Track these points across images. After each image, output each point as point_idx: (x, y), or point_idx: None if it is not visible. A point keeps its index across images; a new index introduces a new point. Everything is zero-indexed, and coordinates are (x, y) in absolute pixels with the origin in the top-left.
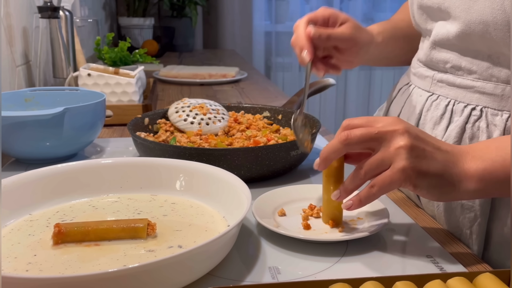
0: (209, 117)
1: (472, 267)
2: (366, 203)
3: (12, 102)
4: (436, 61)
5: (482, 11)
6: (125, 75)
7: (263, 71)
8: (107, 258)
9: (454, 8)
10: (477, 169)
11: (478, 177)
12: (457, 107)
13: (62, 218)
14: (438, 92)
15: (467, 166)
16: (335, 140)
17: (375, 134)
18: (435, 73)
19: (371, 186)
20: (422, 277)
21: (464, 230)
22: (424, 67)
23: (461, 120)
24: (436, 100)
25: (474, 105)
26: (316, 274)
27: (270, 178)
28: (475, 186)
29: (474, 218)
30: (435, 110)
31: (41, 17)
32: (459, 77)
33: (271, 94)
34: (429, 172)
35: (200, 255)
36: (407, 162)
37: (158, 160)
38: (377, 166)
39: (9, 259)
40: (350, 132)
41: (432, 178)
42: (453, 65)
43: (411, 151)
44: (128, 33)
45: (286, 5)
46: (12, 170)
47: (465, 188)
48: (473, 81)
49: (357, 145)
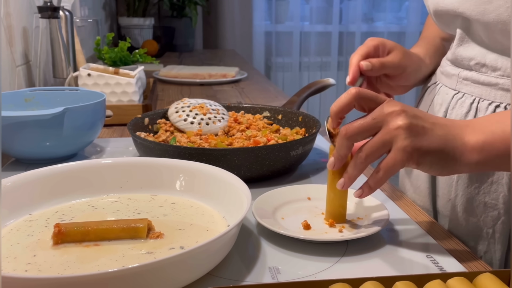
0: (209, 117)
1: (472, 267)
2: (376, 188)
3: (12, 102)
4: (461, 59)
5: (498, 11)
6: (125, 75)
7: (263, 71)
8: (106, 259)
9: (469, 12)
10: (477, 141)
11: (479, 149)
12: (482, 104)
13: (61, 218)
14: (463, 90)
15: (467, 139)
16: (338, 138)
17: (372, 120)
18: (460, 71)
19: (377, 171)
20: (422, 277)
21: (485, 230)
22: (451, 65)
23: None
24: (461, 98)
25: (498, 103)
26: (316, 274)
27: (270, 178)
28: (476, 158)
29: (497, 216)
30: (460, 108)
31: (41, 17)
32: (483, 74)
33: (271, 94)
34: (430, 148)
35: (200, 255)
36: (408, 141)
37: (158, 160)
38: (378, 148)
39: (8, 259)
40: (349, 125)
41: (434, 154)
42: (478, 62)
43: (410, 130)
44: (128, 33)
45: (286, 5)
46: (12, 170)
47: (466, 161)
48: (497, 78)
49: (358, 135)
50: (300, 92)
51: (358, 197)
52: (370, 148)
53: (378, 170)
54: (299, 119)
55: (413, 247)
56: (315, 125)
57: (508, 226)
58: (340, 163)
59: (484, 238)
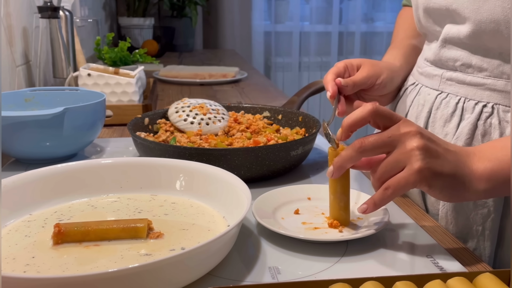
0: (209, 117)
1: (472, 267)
2: (381, 206)
3: (12, 102)
4: (446, 60)
5: (493, 10)
6: (125, 75)
7: (263, 71)
8: (106, 260)
9: (463, 9)
10: (485, 169)
11: (487, 177)
12: (468, 104)
13: (60, 218)
14: (447, 90)
15: (475, 167)
16: (349, 149)
17: (388, 138)
18: (443, 71)
19: (386, 188)
20: (422, 277)
21: (475, 227)
22: (432, 66)
23: (473, 117)
24: (445, 98)
25: (485, 102)
26: (316, 274)
27: (270, 178)
28: (484, 186)
29: (487, 214)
30: (445, 108)
31: (41, 17)
32: (469, 75)
33: (271, 94)
34: (443, 172)
35: (200, 255)
36: (423, 162)
37: (158, 160)
38: (392, 168)
39: (7, 260)
40: (364, 140)
41: (445, 178)
42: (463, 63)
43: (425, 152)
44: (128, 33)
45: (286, 5)
46: (12, 170)
47: (475, 189)
48: (483, 78)
49: (371, 152)
50: (300, 92)
51: (362, 213)
52: (385, 167)
53: (387, 187)
54: (299, 119)
55: (413, 247)
56: (315, 125)
57: (498, 223)
58: (340, 173)
59: (473, 236)
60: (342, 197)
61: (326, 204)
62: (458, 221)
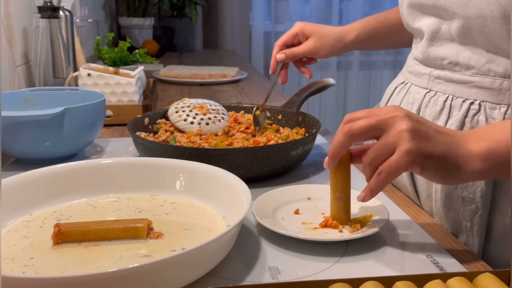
0: (209, 117)
1: (472, 267)
2: (378, 192)
3: (12, 102)
4: (433, 58)
5: (480, 5)
6: (125, 75)
7: (263, 71)
8: (105, 261)
9: (451, 5)
10: (481, 149)
11: (483, 157)
12: (456, 102)
13: (59, 218)
14: (435, 88)
15: (471, 147)
16: (339, 134)
17: (376, 121)
18: (432, 70)
19: (379, 173)
20: (422, 277)
21: (464, 223)
22: (421, 65)
23: (460, 115)
24: (434, 96)
25: (472, 100)
26: (316, 274)
27: (270, 178)
28: (480, 167)
29: (475, 210)
30: (434, 106)
31: (41, 17)
32: (456, 73)
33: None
34: (434, 153)
35: (200, 255)
36: (412, 144)
37: (158, 160)
38: (382, 152)
39: (6, 261)
40: (352, 124)
41: (437, 160)
42: (451, 61)
43: (414, 134)
44: (128, 33)
45: (286, 5)
46: (12, 170)
47: (470, 169)
48: (471, 76)
49: (360, 136)
50: (300, 92)
51: (361, 201)
52: (375, 152)
53: (380, 172)
54: (299, 119)
55: (413, 247)
56: (315, 125)
57: (485, 219)
58: (335, 162)
59: (463, 232)
60: (342, 196)
61: (326, 204)
62: (449, 217)
